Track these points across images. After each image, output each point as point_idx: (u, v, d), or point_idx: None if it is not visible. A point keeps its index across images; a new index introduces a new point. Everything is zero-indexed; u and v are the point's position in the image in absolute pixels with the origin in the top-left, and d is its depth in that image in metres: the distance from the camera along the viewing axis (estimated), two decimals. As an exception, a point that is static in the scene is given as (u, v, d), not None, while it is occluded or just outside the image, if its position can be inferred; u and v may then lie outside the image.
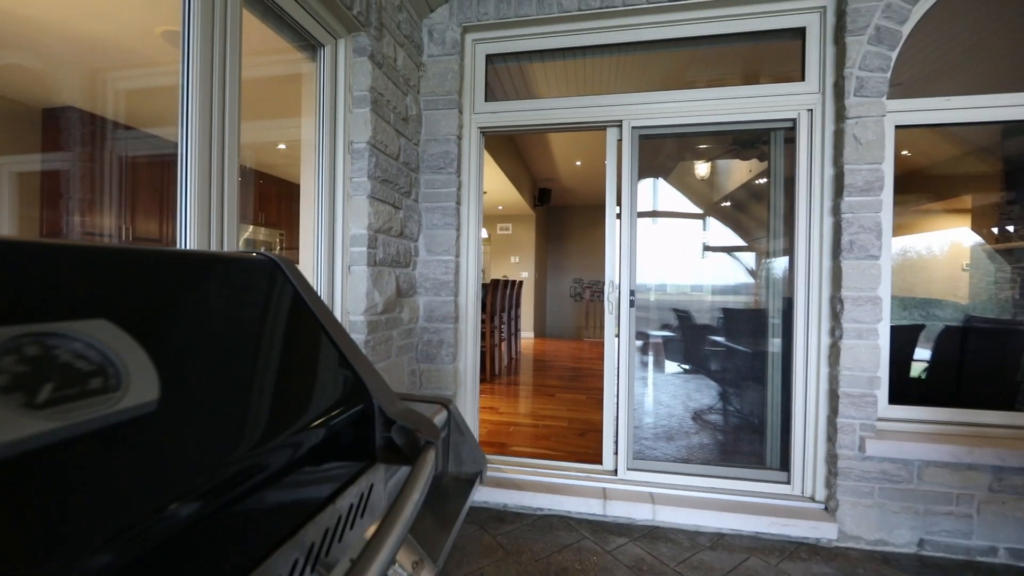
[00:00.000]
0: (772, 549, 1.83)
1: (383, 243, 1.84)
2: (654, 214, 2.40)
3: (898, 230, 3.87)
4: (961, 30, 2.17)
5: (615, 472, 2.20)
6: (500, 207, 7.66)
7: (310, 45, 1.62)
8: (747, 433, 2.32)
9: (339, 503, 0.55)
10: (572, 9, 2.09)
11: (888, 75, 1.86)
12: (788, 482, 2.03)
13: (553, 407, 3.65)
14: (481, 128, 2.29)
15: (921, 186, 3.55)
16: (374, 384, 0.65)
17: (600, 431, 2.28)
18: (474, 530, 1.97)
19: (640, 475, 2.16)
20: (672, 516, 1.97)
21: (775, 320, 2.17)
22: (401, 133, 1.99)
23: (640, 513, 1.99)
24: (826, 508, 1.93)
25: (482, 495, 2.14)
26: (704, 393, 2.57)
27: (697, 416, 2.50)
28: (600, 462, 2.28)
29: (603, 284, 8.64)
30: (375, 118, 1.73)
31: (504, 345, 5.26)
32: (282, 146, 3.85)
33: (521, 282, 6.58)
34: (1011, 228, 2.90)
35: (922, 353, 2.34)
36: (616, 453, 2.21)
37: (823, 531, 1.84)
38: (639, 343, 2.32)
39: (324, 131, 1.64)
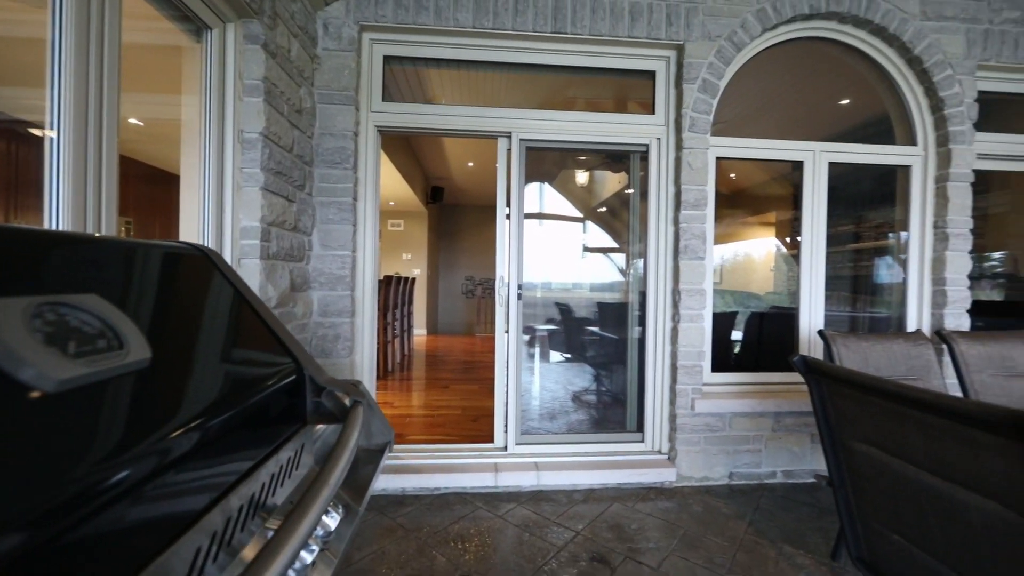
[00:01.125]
0: (630, 495, 2.25)
1: (277, 236, 1.81)
2: (540, 216, 2.70)
3: (728, 237, 4.80)
4: (760, 89, 2.85)
5: (505, 448, 2.45)
6: (392, 203, 7.52)
7: (192, 23, 1.54)
8: (614, 406, 2.75)
9: (280, 455, 0.65)
10: (467, 25, 2.26)
11: (711, 117, 2.40)
12: (643, 441, 2.49)
13: (447, 397, 3.81)
14: (378, 127, 2.34)
15: (744, 203, 4.47)
16: (303, 358, 0.75)
17: (492, 416, 2.50)
18: (373, 515, 2.04)
19: (527, 448, 2.44)
20: (553, 479, 2.28)
21: (636, 311, 2.63)
22: (295, 125, 1.96)
23: (527, 480, 2.26)
24: (669, 457, 2.42)
25: (381, 483, 2.21)
26: (582, 377, 2.97)
27: (576, 397, 2.88)
28: (492, 441, 2.50)
29: (494, 281, 9.02)
30: (269, 109, 1.70)
31: (397, 342, 5.23)
32: (135, 121, 3.35)
33: (414, 279, 6.57)
34: (799, 238, 3.83)
35: (736, 333, 3.03)
36: (506, 431, 2.46)
37: (666, 476, 2.31)
38: (526, 337, 2.60)
39: (211, 117, 1.57)
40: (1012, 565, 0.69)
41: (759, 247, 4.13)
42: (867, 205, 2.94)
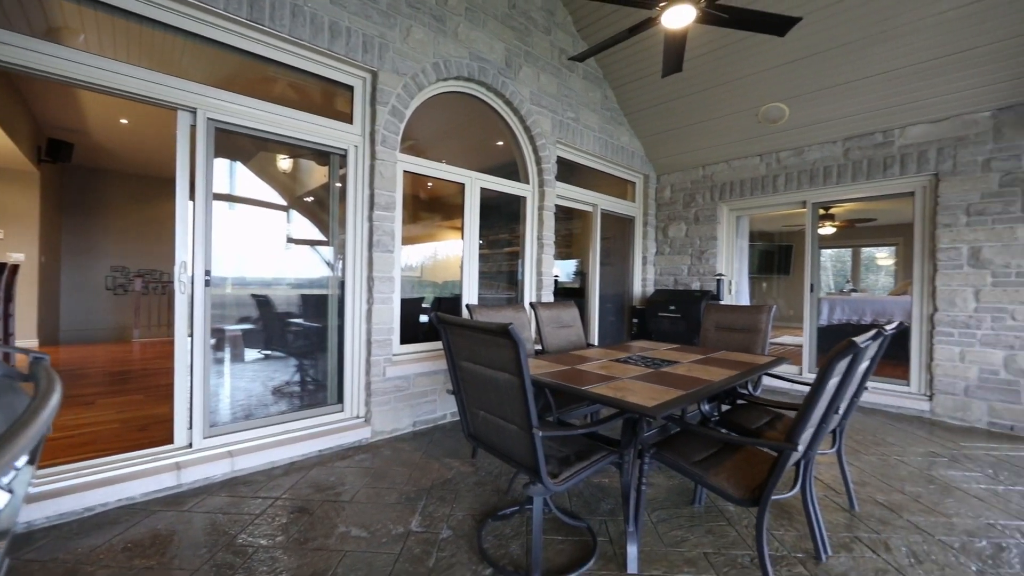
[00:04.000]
0: (332, 457, 2.54)
1: None
2: (233, 199, 2.60)
3: (429, 237, 5.61)
4: (443, 123, 3.65)
5: (190, 446, 2.29)
6: (-39, 150, 4.96)
7: None
8: (317, 385, 2.96)
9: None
10: (133, -26, 2.00)
11: (399, 137, 2.95)
12: (343, 410, 2.82)
13: (95, 414, 3.02)
14: (-26, 55, 1.75)
15: (441, 209, 5.34)
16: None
17: (167, 421, 2.26)
18: (-21, 563, 1.58)
19: (219, 440, 2.36)
20: (251, 462, 2.32)
21: (337, 299, 2.91)
22: None
23: (219, 469, 2.22)
24: (365, 420, 2.85)
25: (-13, 523, 1.70)
26: (285, 368, 3.00)
27: (277, 389, 2.90)
28: (171, 442, 2.28)
29: (161, 273, 7.22)
30: None
31: (-15, 356, 3.62)
32: None
33: (15, 267, 4.61)
34: (482, 242, 4.86)
35: (423, 315, 3.75)
36: (191, 428, 2.30)
37: (363, 434, 2.74)
38: (213, 340, 2.47)
39: None
40: (512, 401, 1.43)
41: (453, 246, 5.13)
42: (515, 221, 4.21)
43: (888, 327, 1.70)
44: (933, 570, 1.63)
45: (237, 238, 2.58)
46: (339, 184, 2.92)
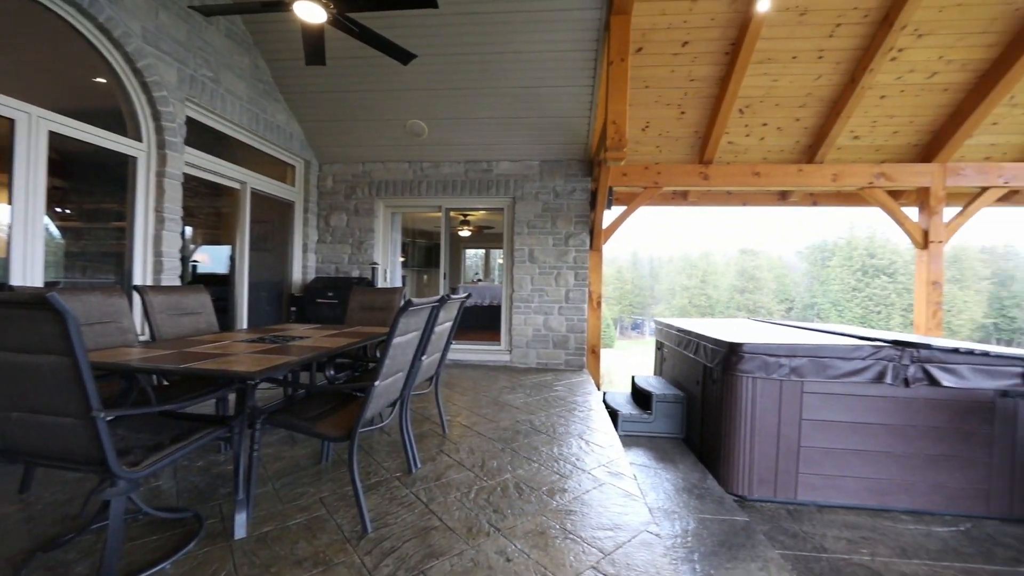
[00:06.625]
0: None
1: None
2: None
3: None
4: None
5: None
6: None
7: None
8: None
9: None
10: None
11: None
12: None
13: None
14: None
15: None
16: None
17: None
18: None
19: None
20: None
21: None
22: None
23: None
24: None
25: None
26: None
27: None
28: None
29: None
30: None
31: None
32: None
33: None
34: (68, 211, 3.53)
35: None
36: None
37: None
38: None
39: None
40: (62, 388, 1.20)
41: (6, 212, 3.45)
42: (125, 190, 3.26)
43: (454, 295, 2.42)
44: (481, 455, 2.45)
45: None
46: None
